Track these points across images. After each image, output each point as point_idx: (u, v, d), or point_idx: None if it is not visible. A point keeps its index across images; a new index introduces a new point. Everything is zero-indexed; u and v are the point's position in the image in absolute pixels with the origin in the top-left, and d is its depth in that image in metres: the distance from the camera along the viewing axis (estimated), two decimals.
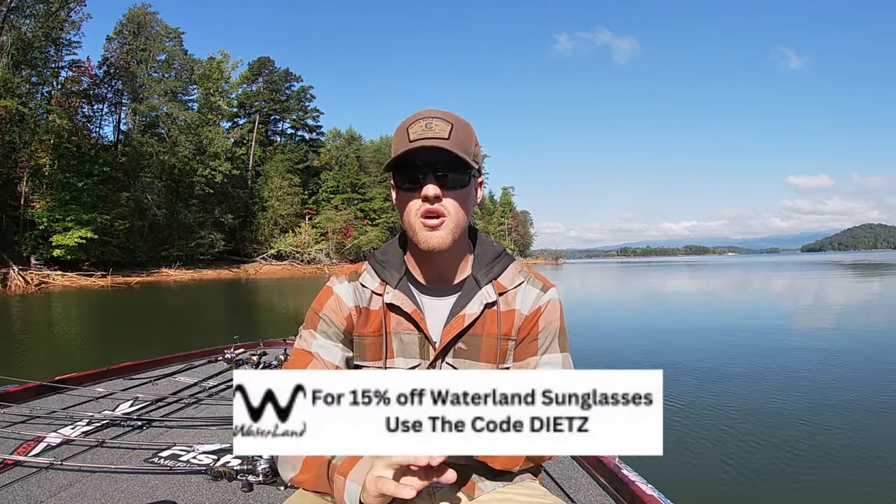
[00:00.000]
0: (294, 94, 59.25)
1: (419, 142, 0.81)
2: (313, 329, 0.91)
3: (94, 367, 3.25)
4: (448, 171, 0.83)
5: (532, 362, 0.90)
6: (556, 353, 0.91)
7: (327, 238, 49.42)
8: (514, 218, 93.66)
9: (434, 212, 0.83)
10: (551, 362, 0.90)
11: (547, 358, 0.90)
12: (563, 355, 0.91)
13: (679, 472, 2.99)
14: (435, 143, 0.80)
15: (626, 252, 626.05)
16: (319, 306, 0.93)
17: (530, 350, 0.90)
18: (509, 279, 0.92)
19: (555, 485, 1.76)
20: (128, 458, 1.96)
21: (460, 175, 0.85)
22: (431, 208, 0.83)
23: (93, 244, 29.90)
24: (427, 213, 0.83)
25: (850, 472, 2.95)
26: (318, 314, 0.92)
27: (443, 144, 0.81)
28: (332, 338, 0.90)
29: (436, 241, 0.83)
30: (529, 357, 0.90)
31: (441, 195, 0.83)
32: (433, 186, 0.82)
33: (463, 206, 0.86)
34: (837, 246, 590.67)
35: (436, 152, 0.81)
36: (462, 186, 0.85)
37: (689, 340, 7.80)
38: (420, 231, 0.84)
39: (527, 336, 0.90)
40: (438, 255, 0.87)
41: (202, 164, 40.10)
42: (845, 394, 4.51)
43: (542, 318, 0.91)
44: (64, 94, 34.67)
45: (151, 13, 40.15)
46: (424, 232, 0.84)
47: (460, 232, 0.86)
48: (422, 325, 0.89)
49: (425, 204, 0.83)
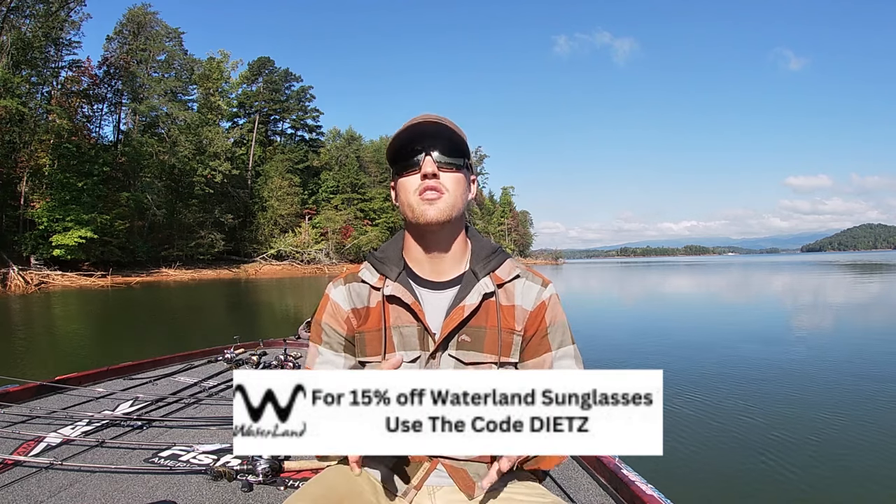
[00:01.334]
0: (294, 94, 59.26)
1: (415, 124, 0.87)
2: (318, 343, 0.96)
3: (94, 367, 3.24)
4: (444, 152, 0.88)
5: (549, 358, 0.93)
6: (570, 345, 0.95)
7: (327, 238, 49.42)
8: (513, 218, 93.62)
9: (433, 187, 0.86)
10: (568, 354, 0.94)
11: (563, 351, 0.93)
12: (574, 347, 0.95)
13: (679, 472, 2.99)
14: (431, 119, 0.87)
15: (626, 252, 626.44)
16: (320, 315, 0.97)
17: (544, 346, 0.93)
18: (506, 272, 0.94)
19: (555, 485, 1.75)
20: (128, 458, 1.95)
21: (455, 157, 0.89)
22: (430, 184, 0.86)
23: (93, 244, 29.91)
24: (426, 189, 0.86)
25: (850, 472, 2.95)
26: (320, 324, 0.96)
27: (438, 120, 0.87)
28: (335, 348, 0.95)
29: (433, 213, 0.86)
30: (545, 353, 0.93)
31: (438, 173, 0.87)
32: (431, 162, 0.86)
33: (459, 188, 0.89)
34: (837, 246, 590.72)
35: (433, 132, 0.87)
36: (458, 168, 0.89)
37: (689, 340, 7.79)
38: (418, 205, 0.87)
39: (536, 332, 0.93)
40: (435, 238, 0.90)
41: (202, 164, 40.10)
42: (846, 393, 4.51)
43: (547, 314, 0.93)
44: (64, 93, 34.68)
45: (151, 13, 40.19)
46: (423, 205, 0.87)
47: (457, 212, 0.90)
48: (421, 316, 0.90)
49: (424, 181, 0.86)
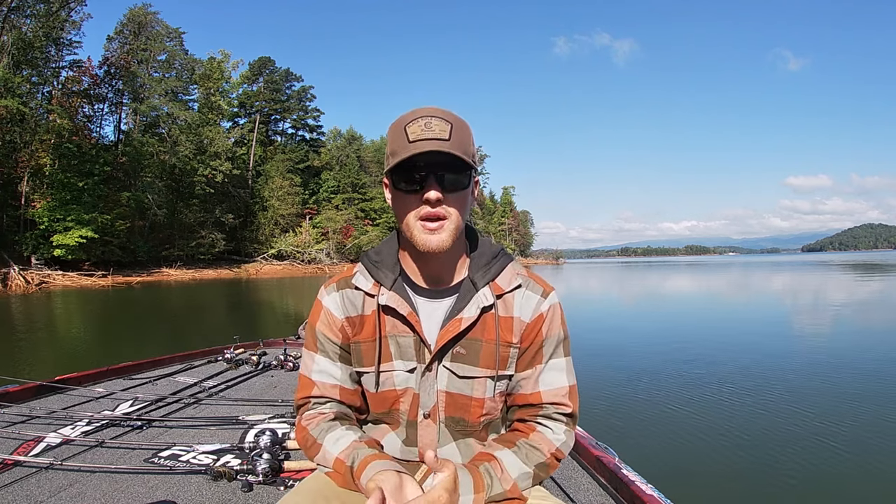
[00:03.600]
0: (294, 94, 59.28)
1: (419, 143, 0.78)
2: (314, 350, 0.93)
3: (94, 367, 3.24)
4: (449, 173, 0.81)
5: (538, 370, 0.90)
6: (560, 357, 0.91)
7: (328, 238, 49.42)
8: (514, 218, 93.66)
9: (435, 215, 0.81)
10: (558, 368, 0.91)
11: (551, 364, 0.91)
12: (567, 360, 0.92)
13: (679, 472, 2.99)
14: (436, 147, 0.78)
15: (627, 252, 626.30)
16: (314, 321, 0.94)
17: (537, 358, 0.90)
18: (507, 280, 0.90)
19: (555, 485, 1.75)
20: (128, 458, 1.95)
21: (461, 177, 0.82)
22: (432, 212, 0.81)
23: (93, 244, 29.90)
24: (427, 217, 0.81)
25: (850, 471, 2.94)
26: (315, 332, 0.93)
27: (444, 147, 0.78)
28: (329, 356, 0.92)
29: (435, 243, 0.82)
30: (536, 365, 0.90)
31: (442, 198, 0.81)
32: (435, 191, 0.80)
33: (463, 208, 0.84)
34: (838, 246, 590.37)
35: (437, 154, 0.78)
36: (462, 188, 0.83)
37: (689, 340, 7.78)
38: (419, 234, 0.82)
39: (532, 344, 0.90)
40: (435, 255, 0.85)
41: (203, 163, 40.10)
42: (846, 393, 4.50)
43: (544, 326, 0.90)
44: (64, 93, 34.67)
45: (152, 13, 40.17)
46: (424, 235, 0.82)
47: (459, 233, 0.85)
48: (417, 327, 0.87)
49: (425, 207, 0.81)
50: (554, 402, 0.89)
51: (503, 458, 0.84)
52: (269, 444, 1.84)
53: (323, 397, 0.92)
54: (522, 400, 0.91)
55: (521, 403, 0.91)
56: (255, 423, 2.35)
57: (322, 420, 0.91)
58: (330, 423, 0.90)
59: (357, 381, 0.94)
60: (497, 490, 0.80)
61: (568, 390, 0.90)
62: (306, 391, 0.93)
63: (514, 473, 0.83)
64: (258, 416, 2.44)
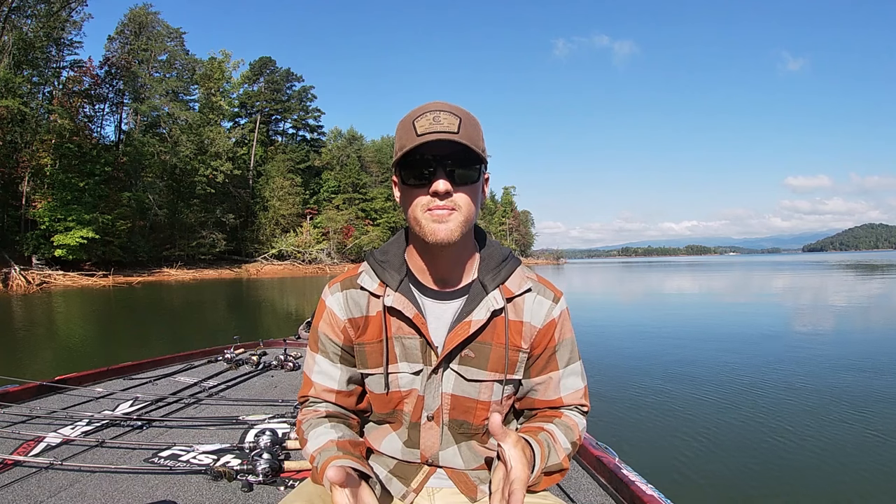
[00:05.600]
0: (295, 94, 59.33)
1: (428, 135, 0.76)
2: (315, 351, 0.94)
3: (94, 367, 3.25)
4: (458, 166, 0.79)
5: (556, 377, 0.91)
6: (577, 362, 0.93)
7: (328, 238, 49.45)
8: (514, 218, 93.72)
9: (443, 207, 0.79)
10: (574, 372, 0.92)
11: (570, 369, 0.92)
12: (581, 363, 0.94)
13: (679, 472, 2.99)
14: (445, 137, 0.76)
15: (628, 252, 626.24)
16: (317, 322, 0.94)
17: (551, 364, 0.91)
18: (517, 284, 0.88)
19: (555, 485, 1.75)
20: (128, 458, 1.95)
21: (470, 170, 0.80)
22: (441, 204, 0.79)
23: (94, 244, 29.94)
24: (436, 209, 0.79)
25: (849, 471, 2.94)
26: (317, 332, 0.93)
27: (453, 138, 0.76)
28: (331, 358, 0.92)
29: (443, 233, 0.79)
30: (552, 371, 0.91)
31: (451, 190, 0.79)
32: (444, 182, 0.78)
33: (473, 202, 0.82)
34: (839, 246, 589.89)
35: (445, 146, 0.76)
36: (472, 182, 0.81)
37: (689, 340, 7.78)
38: (427, 223, 0.79)
39: (544, 350, 0.90)
40: (443, 254, 0.84)
41: (203, 163, 40.15)
42: (847, 394, 4.49)
43: (556, 331, 0.90)
44: (65, 93, 34.76)
45: (153, 13, 40.30)
46: (432, 224, 0.79)
47: (468, 227, 0.83)
48: (423, 330, 0.85)
49: (434, 199, 0.79)
50: (574, 403, 0.93)
51: (554, 431, 0.86)
52: (270, 444, 1.84)
53: (319, 398, 0.93)
54: (543, 404, 0.93)
55: (542, 407, 0.93)
56: (256, 423, 2.35)
57: (314, 416, 0.91)
58: (319, 420, 0.90)
59: (358, 382, 0.94)
60: (554, 460, 0.82)
61: (584, 391, 0.93)
62: (306, 390, 0.95)
63: (564, 445, 0.85)
64: (258, 416, 2.44)
